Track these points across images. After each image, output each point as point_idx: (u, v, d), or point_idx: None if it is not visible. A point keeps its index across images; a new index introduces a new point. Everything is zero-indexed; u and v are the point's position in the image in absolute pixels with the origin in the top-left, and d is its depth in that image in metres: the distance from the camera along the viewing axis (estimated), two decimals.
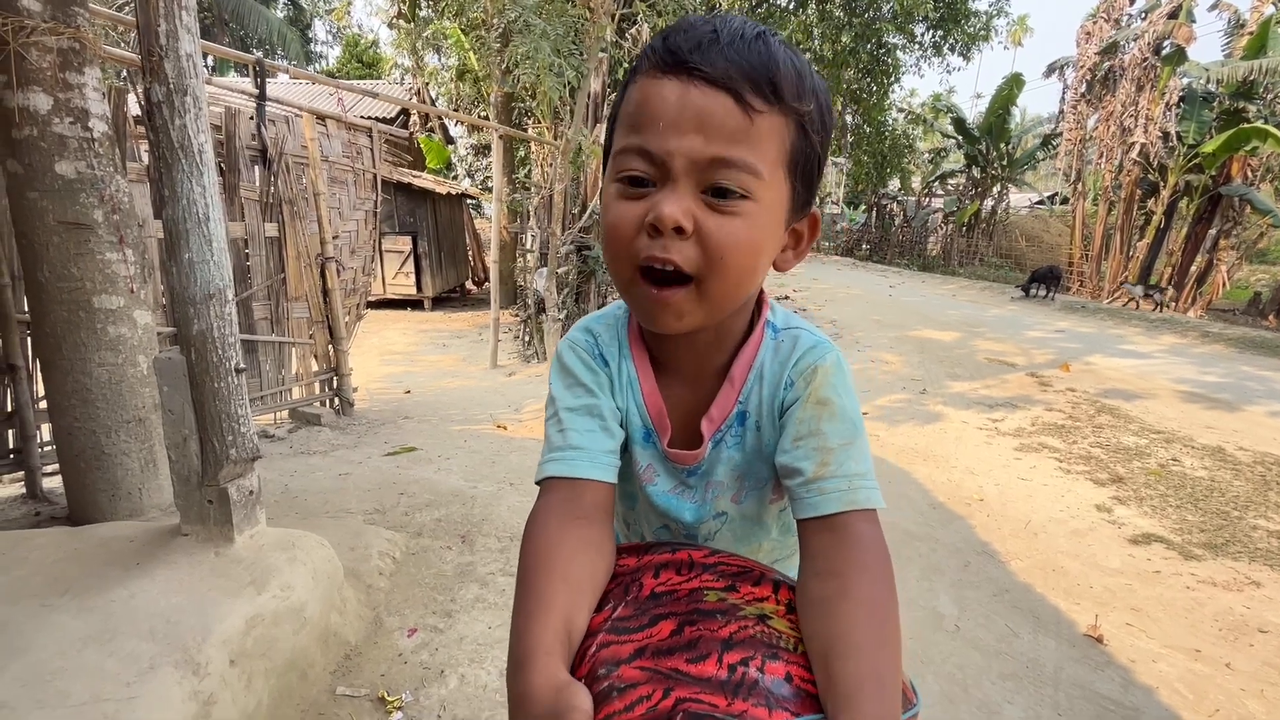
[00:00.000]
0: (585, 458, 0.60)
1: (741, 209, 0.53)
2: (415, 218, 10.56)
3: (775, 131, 0.53)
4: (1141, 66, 11.91)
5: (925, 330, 7.90)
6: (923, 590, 2.36)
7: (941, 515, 3.02)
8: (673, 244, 0.52)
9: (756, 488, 0.67)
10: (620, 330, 0.68)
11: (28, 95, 2.16)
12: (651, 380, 0.66)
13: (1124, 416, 4.56)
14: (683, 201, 0.51)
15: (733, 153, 0.51)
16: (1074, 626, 2.17)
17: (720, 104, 0.51)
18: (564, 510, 0.56)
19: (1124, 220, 12.99)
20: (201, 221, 1.47)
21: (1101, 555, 2.67)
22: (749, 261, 0.55)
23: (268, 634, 1.57)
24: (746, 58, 0.52)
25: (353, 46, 24.93)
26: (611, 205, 0.56)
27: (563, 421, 0.62)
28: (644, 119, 0.53)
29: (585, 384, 0.64)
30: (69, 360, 2.34)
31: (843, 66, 14.01)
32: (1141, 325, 8.93)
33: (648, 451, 0.66)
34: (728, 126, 0.51)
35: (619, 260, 0.56)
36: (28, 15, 2.13)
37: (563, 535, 0.54)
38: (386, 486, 3.02)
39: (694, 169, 0.52)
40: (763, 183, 0.53)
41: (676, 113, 0.51)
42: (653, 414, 0.65)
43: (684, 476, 0.67)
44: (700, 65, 0.51)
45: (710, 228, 0.52)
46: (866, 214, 21.84)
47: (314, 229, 4.02)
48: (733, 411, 0.64)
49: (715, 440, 0.65)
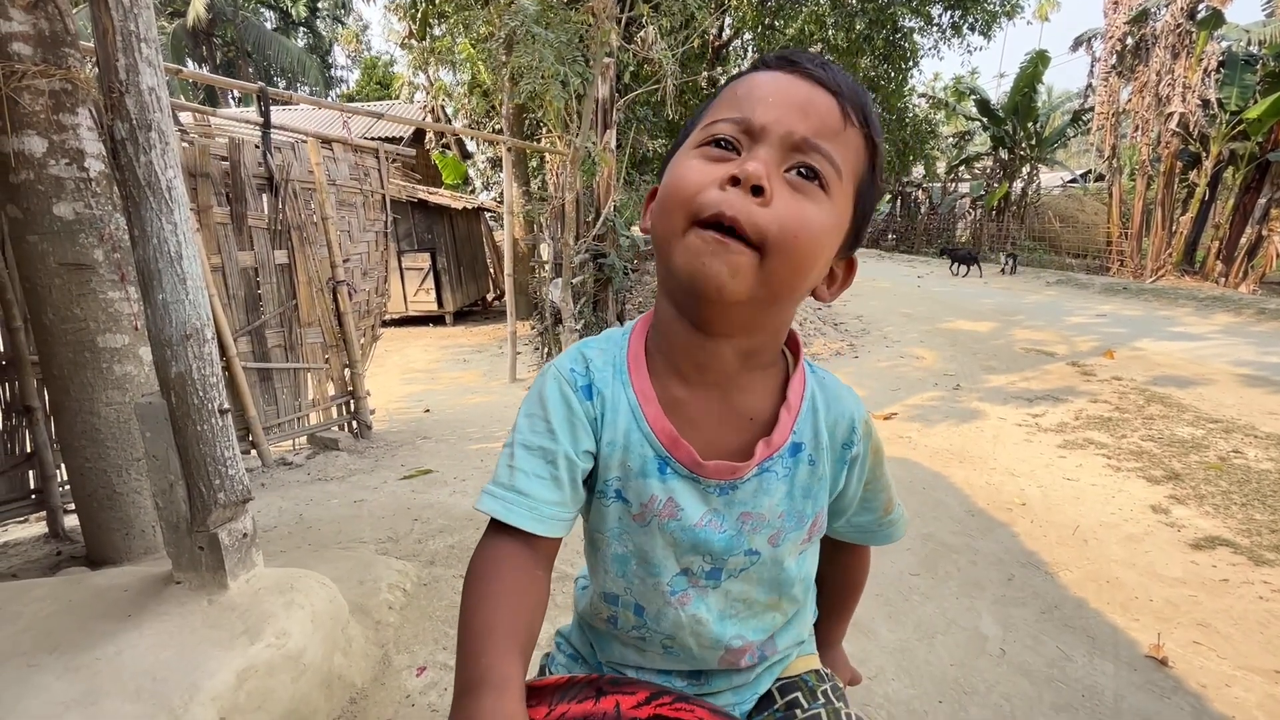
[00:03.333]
0: (525, 505, 0.56)
1: (816, 196, 0.54)
2: (433, 234, 10.64)
3: (856, 148, 0.56)
4: (1175, 33, 11.34)
5: (957, 321, 7.61)
6: (962, 609, 2.19)
7: (981, 523, 2.84)
8: (746, 203, 0.51)
9: (795, 528, 0.64)
10: (619, 353, 0.62)
11: (22, 139, 2.16)
12: (656, 405, 0.60)
13: (1177, 405, 4.27)
14: (769, 167, 0.52)
15: (824, 141, 0.53)
16: (1134, 647, 1.98)
17: (824, 99, 0.54)
18: (500, 555, 0.55)
19: (1164, 195, 12.38)
20: (174, 260, 1.42)
21: (1160, 563, 2.46)
22: (812, 249, 0.54)
23: (262, 685, 1.50)
24: (851, 85, 0.56)
25: (371, 69, 25.46)
26: (684, 164, 0.55)
27: (514, 457, 0.58)
28: (745, 97, 0.55)
29: (549, 421, 0.59)
30: (77, 401, 2.34)
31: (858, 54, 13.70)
32: (1192, 305, 8.47)
33: (666, 482, 0.59)
34: (826, 120, 0.54)
35: (677, 211, 0.54)
36: (18, 60, 2.14)
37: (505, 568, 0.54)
38: (400, 513, 2.97)
39: (785, 144, 0.53)
40: (839, 185, 0.54)
41: (783, 94, 0.54)
42: (664, 440, 0.59)
43: (716, 496, 0.60)
44: (813, 70, 0.56)
45: (787, 201, 0.52)
46: (891, 203, 21.35)
47: (324, 253, 4.01)
48: (788, 441, 0.61)
49: (763, 468, 0.60)
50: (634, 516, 0.61)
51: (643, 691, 0.49)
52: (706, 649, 0.64)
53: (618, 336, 0.65)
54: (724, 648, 0.64)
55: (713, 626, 0.63)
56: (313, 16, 28.29)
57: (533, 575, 0.53)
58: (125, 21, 1.32)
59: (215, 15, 21.31)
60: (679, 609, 0.62)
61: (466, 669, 0.44)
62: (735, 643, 0.64)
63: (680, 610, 0.62)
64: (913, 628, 2.08)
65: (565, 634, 0.76)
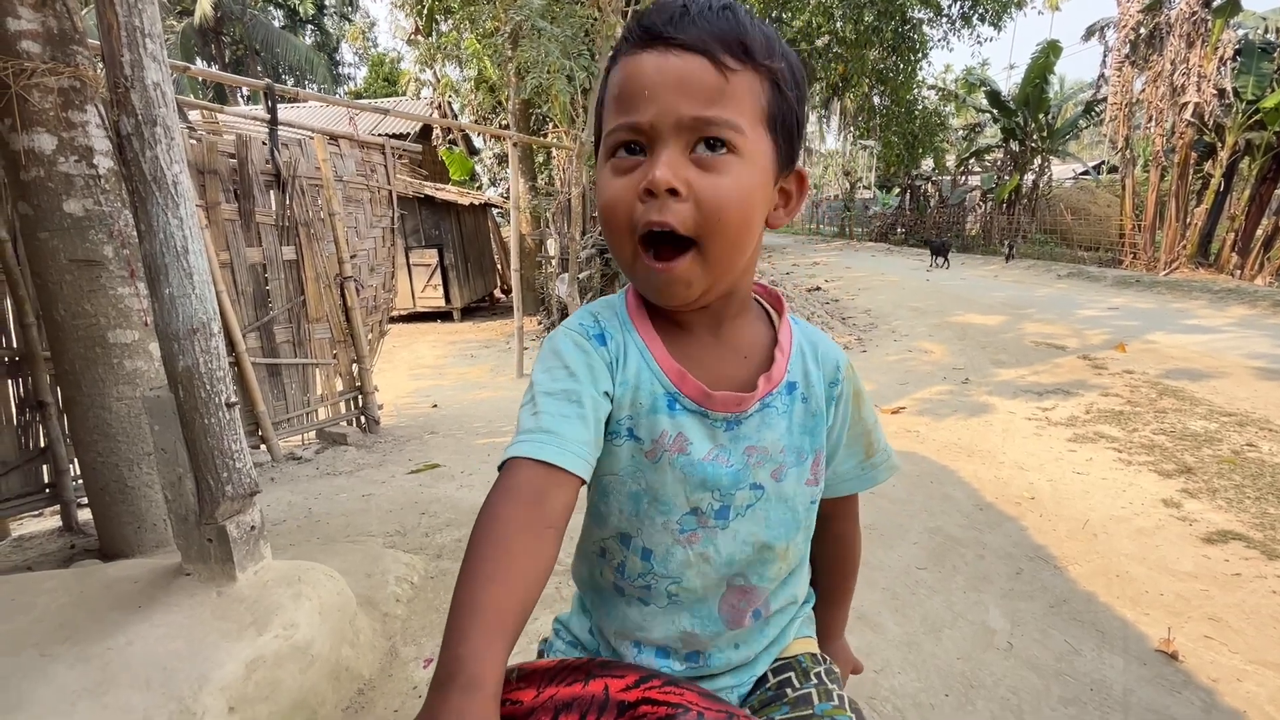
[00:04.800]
0: (555, 442, 0.55)
1: (729, 165, 0.55)
2: (440, 230, 10.66)
3: (751, 89, 0.56)
4: (1190, 21, 11.15)
5: (967, 315, 7.55)
6: (970, 603, 2.18)
7: (989, 517, 2.82)
8: (668, 206, 0.54)
9: (797, 464, 0.67)
10: (619, 307, 0.67)
11: (32, 137, 2.18)
12: (661, 346, 0.64)
13: (1190, 399, 4.22)
14: (673, 164, 0.54)
15: (712, 111, 0.54)
16: (1144, 641, 1.97)
17: (696, 65, 0.54)
18: (519, 498, 0.52)
19: (1179, 186, 12.20)
20: (180, 255, 1.43)
21: (1172, 557, 2.43)
22: (743, 216, 0.57)
23: (270, 676, 1.52)
24: (716, 25, 0.55)
25: (378, 66, 25.52)
26: (606, 185, 0.58)
27: (537, 405, 0.58)
28: (626, 95, 0.56)
29: (569, 367, 0.61)
30: (88, 396, 2.37)
31: (866, 47, 13.59)
32: (1206, 297, 8.36)
33: (675, 418, 0.62)
34: (706, 86, 0.54)
35: (619, 234, 0.58)
36: (27, 57, 2.15)
37: (516, 527, 0.50)
38: (408, 506, 2.99)
39: (678, 131, 0.54)
40: (745, 138, 0.55)
41: (656, 80, 0.54)
42: (672, 376, 0.63)
43: (722, 431, 0.63)
44: (674, 35, 0.54)
45: (703, 187, 0.54)
46: (900, 197, 21.18)
47: (331, 249, 4.03)
48: (784, 379, 0.66)
49: (764, 403, 0.64)
50: (646, 454, 0.63)
51: (632, 675, 0.49)
52: (711, 588, 0.66)
53: (615, 297, 0.70)
54: (726, 584, 0.66)
55: (718, 562, 0.65)
56: (320, 14, 28.38)
57: (541, 535, 0.50)
58: (130, 17, 1.32)
59: (224, 14, 21.42)
60: (687, 547, 0.64)
61: (444, 656, 0.43)
62: (738, 581, 0.67)
63: (689, 548, 0.64)
64: (920, 621, 2.07)
65: (564, 620, 0.77)
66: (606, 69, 0.62)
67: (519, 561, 0.48)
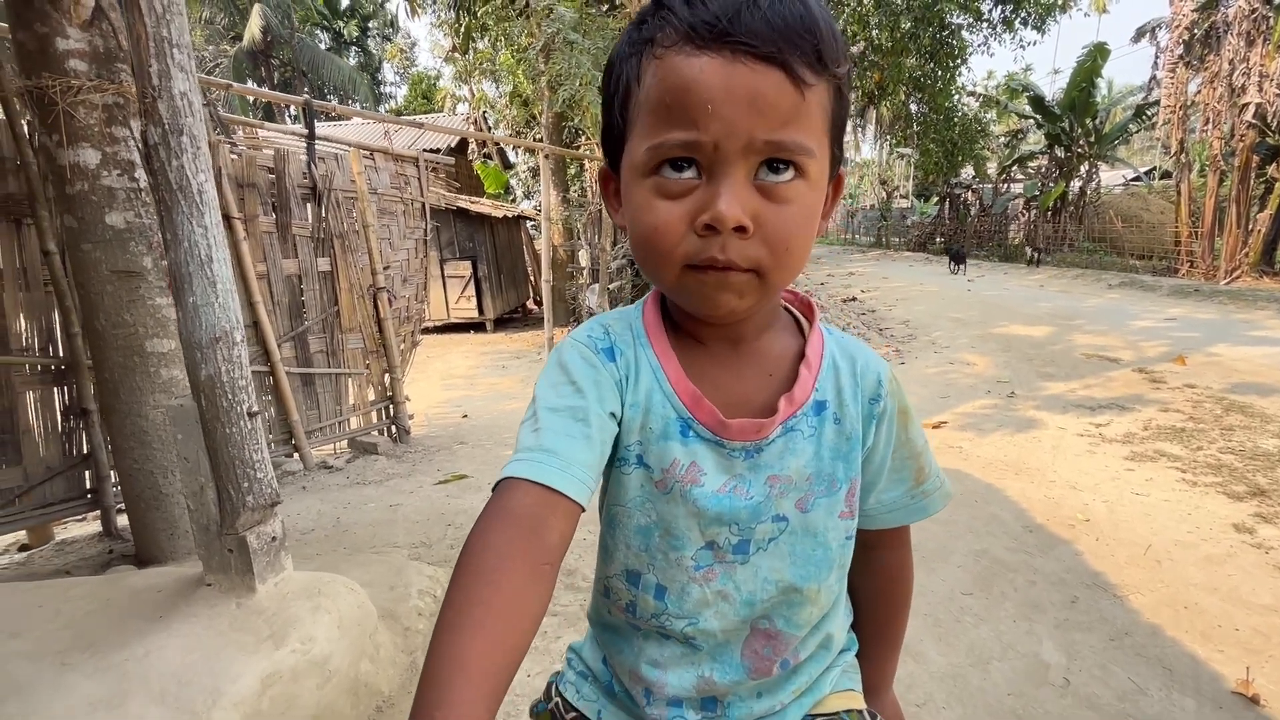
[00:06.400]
0: (556, 464, 0.49)
1: (797, 194, 0.50)
2: (474, 242, 10.82)
3: (821, 103, 0.50)
4: (1250, 18, 10.62)
5: (1011, 326, 7.26)
6: (1020, 633, 2.03)
7: (1040, 539, 2.65)
8: (732, 242, 0.48)
9: (828, 493, 0.59)
10: (635, 319, 0.61)
11: (77, 152, 2.25)
12: (676, 365, 0.58)
13: (1260, 415, 3.93)
14: (741, 196, 0.48)
15: (786, 134, 0.47)
16: (1218, 681, 1.79)
17: (773, 81, 0.46)
18: (515, 524, 0.46)
19: (1239, 191, 11.57)
20: (204, 263, 1.43)
21: (1246, 588, 2.24)
22: (807, 244, 0.52)
23: (286, 691, 1.49)
24: (791, 23, 0.46)
25: (417, 84, 26.28)
26: (647, 207, 0.51)
27: (539, 421, 0.52)
28: (680, 105, 0.47)
29: (575, 382, 0.55)
30: (126, 404, 2.41)
31: (903, 54, 13.36)
32: (1273, 307, 7.87)
33: (689, 446, 0.56)
34: (782, 107, 0.47)
35: (663, 264, 0.51)
36: (75, 75, 2.23)
37: (510, 561, 0.44)
38: (434, 518, 2.97)
39: (746, 154, 0.47)
40: (814, 160, 0.50)
41: (721, 96, 0.46)
42: (686, 400, 0.57)
43: (740, 461, 0.57)
44: (744, 38, 0.45)
45: (771, 222, 0.49)
46: (939, 205, 20.68)
47: (365, 260, 4.09)
48: (810, 399, 0.58)
49: (788, 427, 0.57)
50: (656, 484, 0.57)
51: None
52: (732, 631, 0.59)
53: (631, 308, 0.63)
54: (750, 627, 0.59)
55: (739, 601, 0.58)
56: (363, 36, 29.41)
57: (537, 571, 0.45)
58: (158, 28, 1.33)
59: (273, 38, 22.37)
60: (704, 584, 0.58)
61: (417, 716, 0.36)
62: (763, 624, 0.59)
63: (705, 586, 0.58)
64: (965, 652, 1.94)
65: (577, 649, 0.72)
66: (622, 55, 0.52)
67: (512, 605, 0.42)
